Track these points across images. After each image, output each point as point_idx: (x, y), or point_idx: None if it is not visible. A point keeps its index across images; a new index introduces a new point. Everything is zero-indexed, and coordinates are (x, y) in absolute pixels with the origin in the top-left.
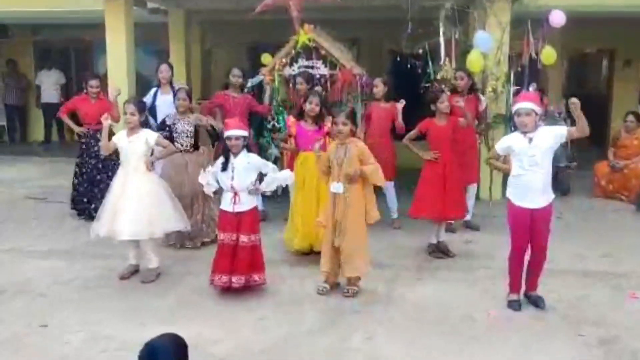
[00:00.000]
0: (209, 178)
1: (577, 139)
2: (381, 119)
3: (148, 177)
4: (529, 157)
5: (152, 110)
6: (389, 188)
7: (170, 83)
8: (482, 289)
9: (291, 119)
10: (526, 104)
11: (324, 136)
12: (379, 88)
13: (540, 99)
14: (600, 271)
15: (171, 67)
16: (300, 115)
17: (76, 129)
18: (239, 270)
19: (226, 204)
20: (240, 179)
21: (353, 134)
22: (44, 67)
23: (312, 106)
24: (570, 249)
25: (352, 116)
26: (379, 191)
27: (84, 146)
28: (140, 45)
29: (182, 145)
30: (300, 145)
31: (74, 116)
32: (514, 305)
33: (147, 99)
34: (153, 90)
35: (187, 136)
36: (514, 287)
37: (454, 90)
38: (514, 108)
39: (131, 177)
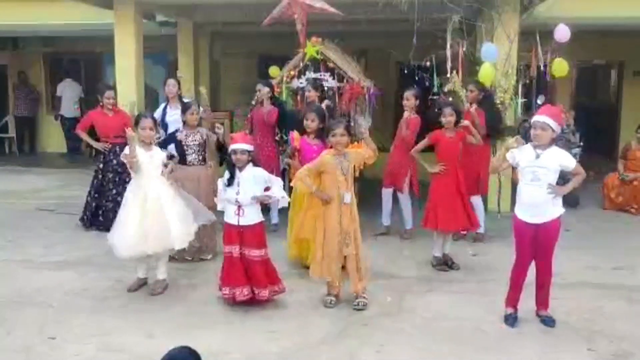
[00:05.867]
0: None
1: (587, 149)
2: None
3: (170, 189)
4: (532, 172)
5: (163, 126)
6: (405, 199)
7: (179, 97)
8: (492, 301)
9: (295, 134)
10: (544, 118)
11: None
12: (411, 101)
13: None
14: (612, 284)
15: (178, 81)
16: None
17: (97, 145)
18: (261, 284)
19: (230, 217)
20: (246, 193)
21: (347, 145)
22: (63, 78)
23: (307, 122)
24: (581, 262)
25: (350, 128)
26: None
27: (101, 158)
28: (149, 57)
29: (193, 159)
30: (304, 160)
31: (91, 132)
32: (509, 320)
33: (157, 114)
34: (162, 105)
35: (197, 150)
36: (510, 301)
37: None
38: (532, 119)
39: (156, 192)
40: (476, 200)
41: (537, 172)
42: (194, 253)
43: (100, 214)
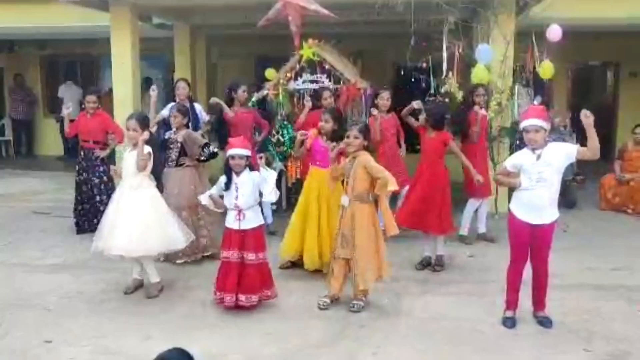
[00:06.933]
0: (208, 199)
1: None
2: (387, 130)
3: (144, 193)
4: (537, 173)
5: (168, 124)
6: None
7: (189, 99)
8: (490, 302)
9: (314, 131)
10: (534, 121)
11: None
12: (386, 102)
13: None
14: (610, 284)
15: (189, 84)
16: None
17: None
18: (249, 289)
19: (230, 222)
20: (245, 197)
21: (365, 148)
22: (60, 81)
23: (322, 123)
24: (579, 262)
25: (365, 131)
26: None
27: (79, 159)
28: (146, 59)
29: (169, 159)
30: (311, 159)
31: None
32: (508, 323)
33: (164, 112)
34: (169, 105)
35: (173, 150)
36: (510, 304)
37: (472, 105)
38: (522, 125)
39: (126, 194)
40: (483, 203)
41: (543, 173)
42: (191, 254)
43: (81, 216)
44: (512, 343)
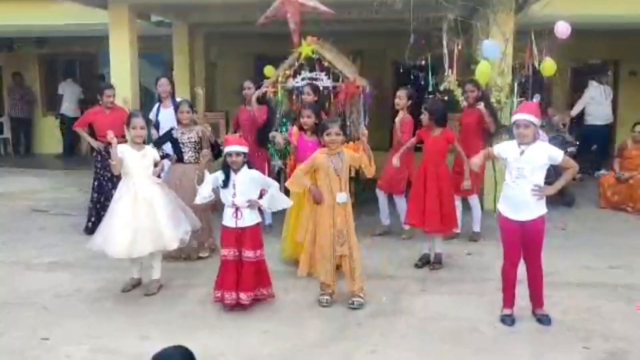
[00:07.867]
0: (203, 190)
1: (582, 149)
2: (399, 130)
3: (160, 188)
4: (517, 169)
5: (157, 126)
6: (400, 200)
7: (172, 96)
8: (488, 300)
9: (295, 129)
10: (525, 116)
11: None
12: (403, 100)
13: (543, 110)
14: (609, 283)
15: (171, 80)
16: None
17: (94, 143)
18: (247, 287)
19: (228, 220)
20: (242, 195)
21: (342, 144)
22: (58, 79)
23: (304, 119)
24: (577, 261)
25: (344, 127)
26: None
27: (99, 158)
28: (145, 57)
29: (189, 157)
30: (299, 156)
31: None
32: (507, 321)
33: (152, 114)
34: (156, 105)
35: (193, 148)
36: (506, 301)
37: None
38: (513, 118)
39: (147, 192)
40: (474, 201)
41: (523, 169)
42: (190, 252)
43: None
44: (511, 341)
